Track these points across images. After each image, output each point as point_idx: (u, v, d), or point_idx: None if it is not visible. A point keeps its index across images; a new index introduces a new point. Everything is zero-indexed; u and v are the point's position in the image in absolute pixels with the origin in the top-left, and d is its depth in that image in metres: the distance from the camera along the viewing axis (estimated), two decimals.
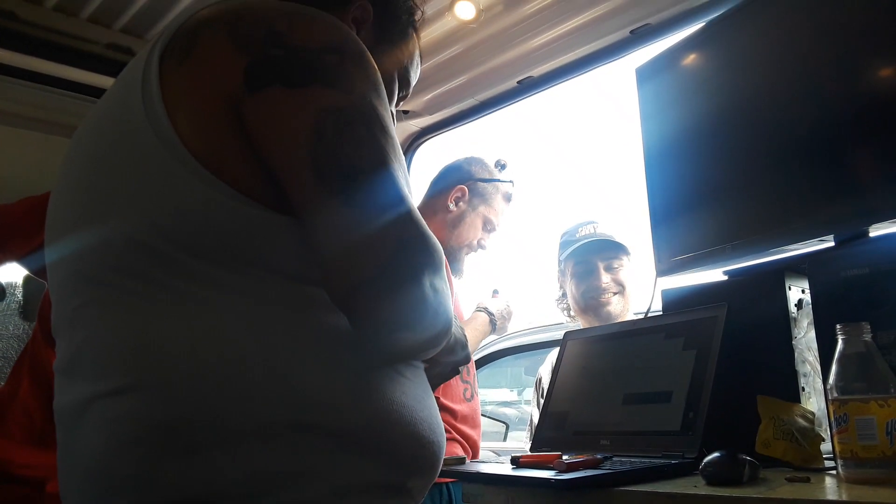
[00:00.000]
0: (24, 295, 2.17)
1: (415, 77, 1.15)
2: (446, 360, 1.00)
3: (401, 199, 0.76)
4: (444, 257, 0.81)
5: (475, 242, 2.04)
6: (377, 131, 0.78)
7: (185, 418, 0.71)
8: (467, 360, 1.04)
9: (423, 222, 0.78)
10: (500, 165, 2.11)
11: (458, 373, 1.08)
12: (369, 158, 0.76)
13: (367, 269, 0.72)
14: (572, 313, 2.18)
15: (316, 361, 0.76)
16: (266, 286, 0.76)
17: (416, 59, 1.15)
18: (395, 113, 1.15)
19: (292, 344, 0.76)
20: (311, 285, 0.77)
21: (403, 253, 0.74)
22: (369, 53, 0.83)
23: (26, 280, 2.15)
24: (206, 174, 0.74)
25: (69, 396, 0.79)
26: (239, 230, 0.75)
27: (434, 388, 0.99)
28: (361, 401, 0.77)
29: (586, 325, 2.09)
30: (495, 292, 2.10)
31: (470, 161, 2.10)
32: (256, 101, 0.75)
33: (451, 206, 2.01)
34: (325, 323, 0.78)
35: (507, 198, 2.10)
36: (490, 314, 1.99)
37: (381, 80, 0.83)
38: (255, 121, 0.76)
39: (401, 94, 1.13)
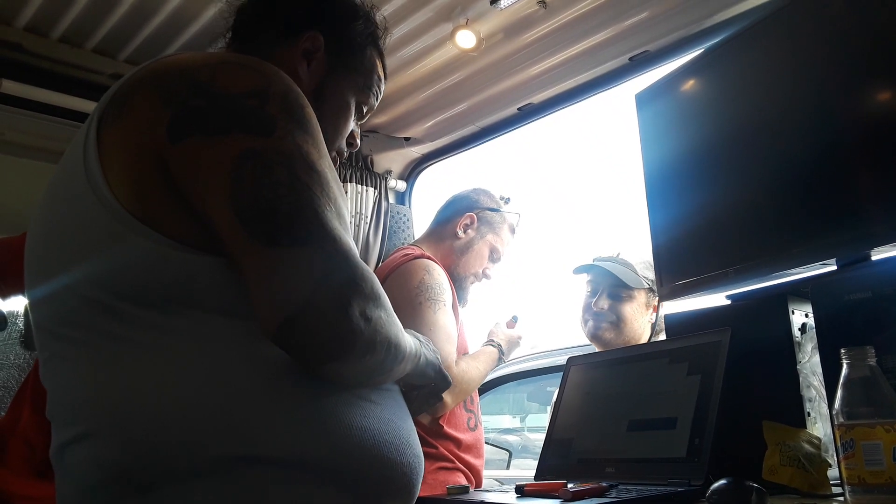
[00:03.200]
0: (26, 324, 2.16)
1: (377, 97, 1.16)
2: (420, 382, 1.00)
3: (324, 236, 0.77)
4: (380, 287, 0.81)
5: (480, 271, 2.04)
6: (299, 170, 0.78)
7: (139, 459, 0.74)
8: (446, 382, 1.04)
9: (353, 254, 0.79)
10: (505, 200, 2.14)
11: (439, 399, 1.08)
12: (288, 199, 0.76)
13: (289, 307, 0.73)
14: None
15: (261, 394, 0.78)
16: (207, 326, 0.78)
17: (378, 78, 1.16)
18: (358, 133, 1.16)
19: (237, 379, 0.77)
20: (251, 321, 0.78)
21: (326, 287, 0.75)
22: (297, 92, 0.85)
23: (27, 309, 2.15)
24: (139, 226, 0.78)
25: (52, 444, 0.84)
26: (175, 276, 0.78)
27: (417, 413, 1.00)
28: (314, 428, 0.78)
29: (598, 348, 2.07)
30: (514, 319, 2.08)
31: (477, 191, 2.12)
32: (178, 151, 0.78)
33: (460, 233, 2.01)
34: (270, 355, 0.78)
35: (513, 230, 2.12)
36: (501, 351, 1.98)
37: (310, 117, 0.84)
38: (178, 171, 0.78)
39: (359, 115, 1.14)
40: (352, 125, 1.14)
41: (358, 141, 1.17)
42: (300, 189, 0.77)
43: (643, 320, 2.04)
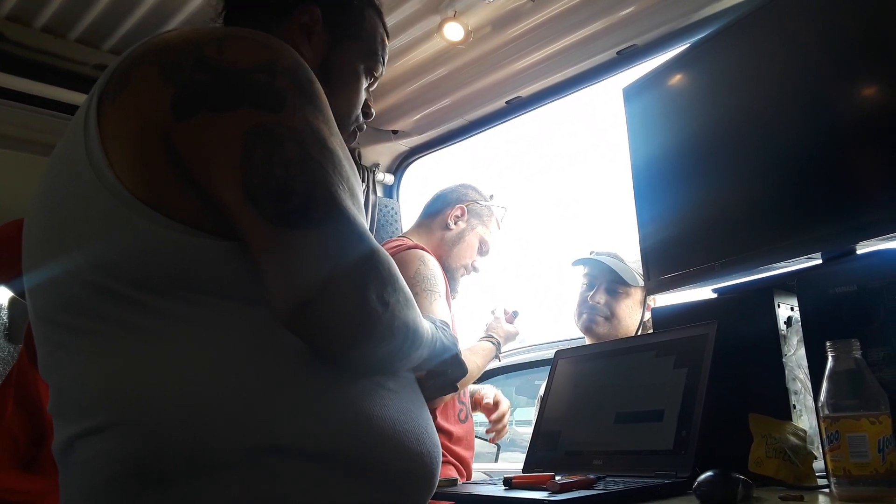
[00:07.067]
0: (10, 317, 2.14)
1: (383, 60, 1.13)
2: (437, 369, 0.97)
3: (339, 216, 0.74)
4: (395, 268, 0.78)
5: (470, 263, 2.05)
6: (311, 148, 0.75)
7: (156, 451, 0.71)
8: (462, 370, 1.01)
9: (368, 235, 0.76)
10: (490, 195, 2.15)
11: (455, 389, 1.06)
12: (302, 177, 0.73)
13: (305, 291, 0.71)
14: None
15: (280, 383, 0.75)
16: (219, 313, 0.75)
17: (381, 40, 1.12)
18: (370, 99, 1.14)
19: (254, 368, 0.75)
20: (265, 307, 0.75)
21: (341, 270, 0.72)
22: (306, 67, 0.82)
23: (12, 302, 2.13)
24: (143, 208, 0.74)
25: (58, 439, 0.80)
26: (183, 260, 0.74)
27: (430, 400, 0.96)
28: (335, 418, 0.75)
29: (589, 341, 2.08)
30: (515, 314, 2.09)
31: (465, 185, 2.15)
32: (185, 129, 0.75)
33: (451, 224, 2.02)
34: (287, 343, 0.75)
35: (500, 224, 2.13)
36: (499, 348, 1.98)
37: (319, 92, 0.81)
38: (185, 149, 0.75)
39: (370, 83, 1.12)
40: (364, 94, 1.10)
41: (373, 110, 1.14)
42: (313, 167, 0.74)
43: (636, 317, 2.05)
